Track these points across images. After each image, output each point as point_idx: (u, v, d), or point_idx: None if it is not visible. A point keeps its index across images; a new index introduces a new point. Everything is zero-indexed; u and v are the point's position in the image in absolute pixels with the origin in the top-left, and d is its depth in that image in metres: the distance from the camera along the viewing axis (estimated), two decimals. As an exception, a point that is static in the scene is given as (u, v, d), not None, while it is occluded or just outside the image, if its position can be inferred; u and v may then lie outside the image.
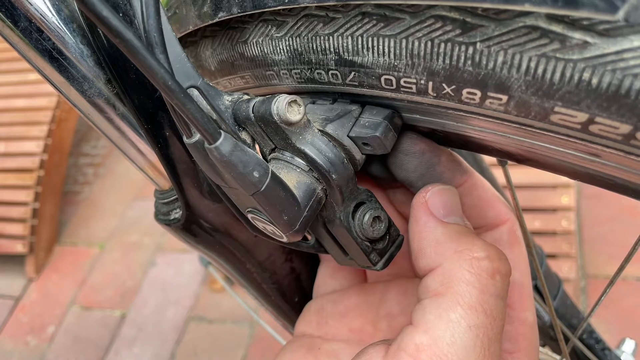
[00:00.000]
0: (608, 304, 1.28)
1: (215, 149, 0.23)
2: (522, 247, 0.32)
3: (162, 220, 0.40)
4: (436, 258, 0.26)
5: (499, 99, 0.20)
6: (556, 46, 0.18)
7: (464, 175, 0.30)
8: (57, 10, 0.29)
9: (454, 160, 0.30)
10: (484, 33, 0.19)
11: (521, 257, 0.31)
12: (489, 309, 0.24)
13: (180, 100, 0.21)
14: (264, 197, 0.25)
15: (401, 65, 0.23)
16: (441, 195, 0.28)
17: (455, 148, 0.30)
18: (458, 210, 0.28)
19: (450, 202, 0.28)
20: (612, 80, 0.17)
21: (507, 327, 0.30)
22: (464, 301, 0.24)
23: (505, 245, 0.31)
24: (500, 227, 0.31)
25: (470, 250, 0.25)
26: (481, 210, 0.31)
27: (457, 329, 0.23)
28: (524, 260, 0.31)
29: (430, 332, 0.24)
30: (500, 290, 0.25)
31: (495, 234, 0.31)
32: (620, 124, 0.17)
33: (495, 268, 0.25)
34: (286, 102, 0.25)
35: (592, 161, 0.21)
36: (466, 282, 0.24)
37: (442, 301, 0.24)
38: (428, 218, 0.27)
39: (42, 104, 2.12)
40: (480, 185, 0.31)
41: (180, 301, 1.75)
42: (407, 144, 0.28)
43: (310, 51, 0.26)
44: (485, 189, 0.31)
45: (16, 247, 1.99)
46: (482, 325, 0.23)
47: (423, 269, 0.27)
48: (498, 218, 0.31)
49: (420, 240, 0.27)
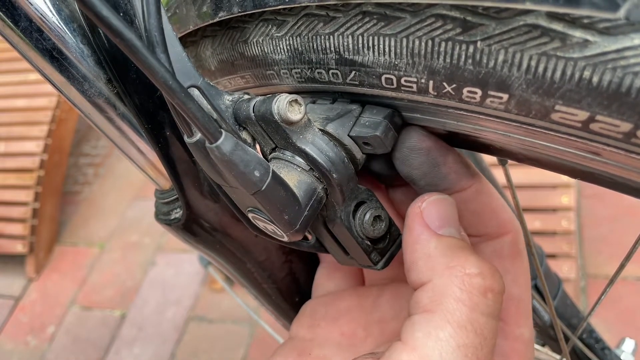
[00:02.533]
0: (608, 304, 1.28)
1: (216, 148, 0.23)
2: (523, 260, 0.30)
3: (162, 220, 0.40)
4: (427, 272, 0.25)
5: (500, 98, 0.20)
6: (557, 44, 0.18)
7: (470, 179, 0.29)
8: (57, 10, 0.29)
9: (462, 163, 0.29)
10: (484, 32, 0.19)
11: (521, 270, 0.30)
12: (480, 328, 0.23)
13: (181, 99, 0.21)
14: (264, 197, 0.25)
15: (402, 64, 0.23)
16: (437, 206, 0.27)
17: (455, 147, 0.30)
18: (454, 221, 0.27)
19: (446, 213, 0.27)
20: (612, 78, 0.17)
21: (501, 342, 0.29)
22: (453, 319, 0.23)
23: (505, 258, 0.30)
24: (502, 237, 0.30)
25: (462, 267, 0.25)
26: (485, 218, 0.30)
27: (446, 348, 0.23)
28: (523, 274, 0.30)
29: (418, 351, 0.23)
30: (492, 309, 0.24)
31: (497, 245, 0.30)
32: (621, 122, 0.17)
33: (488, 286, 0.24)
34: (287, 102, 0.25)
35: (593, 160, 0.21)
36: (456, 300, 0.24)
37: (432, 318, 0.24)
38: (422, 229, 0.27)
39: (42, 104, 2.12)
40: (487, 192, 0.30)
41: (180, 301, 1.75)
42: (415, 140, 0.28)
43: (310, 50, 0.26)
44: (491, 196, 0.30)
45: (16, 247, 1.99)
46: (472, 344, 0.23)
47: (415, 282, 0.26)
48: (501, 228, 0.30)
49: (412, 253, 0.27)
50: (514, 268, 0.30)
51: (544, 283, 0.42)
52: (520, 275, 0.30)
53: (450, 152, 0.29)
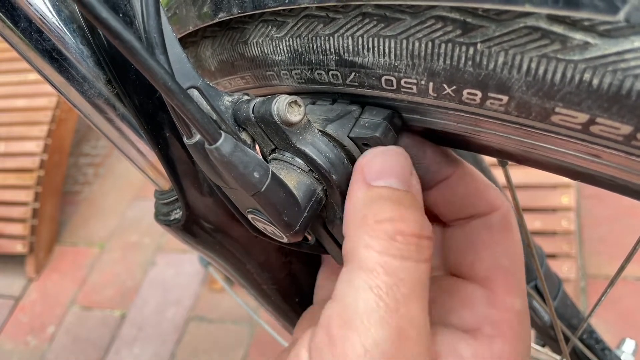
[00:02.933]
0: (608, 304, 1.28)
1: (215, 150, 0.23)
2: (513, 233, 0.31)
3: (162, 220, 0.40)
4: (347, 225, 0.26)
5: (500, 100, 0.20)
6: (557, 47, 0.18)
7: (451, 166, 0.30)
8: (57, 11, 0.29)
9: (440, 153, 0.29)
10: (484, 34, 0.19)
11: (510, 242, 0.30)
12: (391, 269, 0.23)
13: (180, 100, 0.21)
14: (264, 198, 0.25)
15: (402, 65, 0.23)
16: (380, 157, 0.26)
17: (455, 148, 0.30)
18: (397, 172, 0.26)
19: (387, 164, 0.26)
20: (612, 81, 0.17)
21: (488, 310, 0.29)
22: (364, 265, 0.23)
23: (495, 231, 0.30)
24: (492, 213, 0.31)
25: (374, 215, 0.25)
26: (473, 199, 0.30)
27: (362, 294, 0.23)
28: (513, 246, 0.30)
29: (339, 301, 0.24)
30: (404, 251, 0.24)
31: (487, 220, 0.30)
32: (621, 124, 0.17)
33: (397, 229, 0.24)
34: (286, 103, 0.25)
35: (593, 162, 0.21)
36: (365, 247, 0.24)
37: (348, 269, 0.24)
38: (357, 183, 0.26)
39: (42, 104, 2.12)
40: (470, 175, 0.30)
41: (180, 301, 1.75)
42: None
43: (310, 51, 0.26)
44: (475, 178, 0.30)
45: (16, 247, 1.99)
46: (385, 285, 0.23)
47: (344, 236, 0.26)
48: (490, 206, 0.30)
49: (345, 207, 0.26)
50: (503, 240, 0.30)
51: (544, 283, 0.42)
52: (510, 246, 0.30)
53: (427, 146, 0.29)
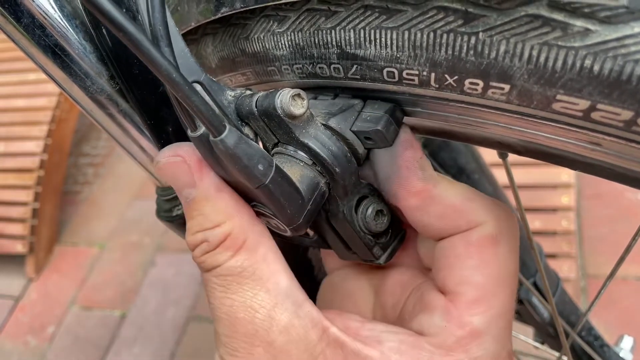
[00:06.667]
0: (608, 304, 1.28)
1: (220, 142, 0.23)
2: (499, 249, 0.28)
3: (164, 217, 0.40)
4: None
5: (502, 89, 0.20)
6: (558, 34, 0.18)
7: (420, 181, 0.28)
8: (59, 7, 0.29)
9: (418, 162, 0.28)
10: (486, 23, 0.19)
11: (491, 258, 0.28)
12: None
13: (185, 92, 0.21)
14: (268, 191, 0.25)
15: (404, 57, 0.23)
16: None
17: (456, 141, 0.30)
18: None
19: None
20: (613, 66, 0.17)
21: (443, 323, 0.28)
22: None
23: (472, 245, 0.28)
24: (473, 229, 0.29)
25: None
26: (451, 218, 0.29)
27: None
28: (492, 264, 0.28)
29: None
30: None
31: (466, 236, 0.29)
32: (622, 110, 0.18)
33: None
34: (290, 96, 0.25)
35: (594, 150, 0.21)
36: None
37: None
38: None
39: (42, 104, 2.12)
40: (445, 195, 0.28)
41: (180, 301, 1.75)
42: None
43: (312, 45, 0.27)
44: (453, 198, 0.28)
45: (16, 247, 1.99)
46: None
47: None
48: (471, 222, 0.29)
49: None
50: (479, 255, 0.28)
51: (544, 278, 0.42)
52: (490, 262, 0.28)
53: (411, 148, 0.28)
